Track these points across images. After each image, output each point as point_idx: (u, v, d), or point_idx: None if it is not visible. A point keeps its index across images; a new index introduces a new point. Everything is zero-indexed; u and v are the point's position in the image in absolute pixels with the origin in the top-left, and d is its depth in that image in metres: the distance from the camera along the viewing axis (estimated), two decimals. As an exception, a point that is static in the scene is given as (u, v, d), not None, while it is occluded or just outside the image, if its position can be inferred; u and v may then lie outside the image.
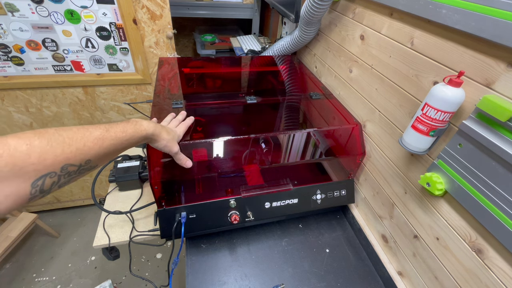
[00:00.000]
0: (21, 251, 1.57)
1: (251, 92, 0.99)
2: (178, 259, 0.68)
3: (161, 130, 0.57)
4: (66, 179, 0.38)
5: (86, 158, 0.40)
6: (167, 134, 0.59)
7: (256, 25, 1.72)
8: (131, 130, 0.48)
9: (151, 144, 0.58)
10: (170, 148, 0.60)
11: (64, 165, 0.36)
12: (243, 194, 0.73)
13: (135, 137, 0.49)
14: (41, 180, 0.35)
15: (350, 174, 0.83)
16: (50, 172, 0.35)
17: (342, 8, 0.84)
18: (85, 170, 0.41)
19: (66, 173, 0.37)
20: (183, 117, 0.72)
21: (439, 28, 0.52)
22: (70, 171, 0.38)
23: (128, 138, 0.47)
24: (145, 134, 0.52)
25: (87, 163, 0.40)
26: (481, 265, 0.47)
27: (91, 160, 0.41)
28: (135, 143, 0.50)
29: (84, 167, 0.40)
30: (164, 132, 0.58)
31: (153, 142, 0.57)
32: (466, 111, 0.48)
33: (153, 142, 0.57)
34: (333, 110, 0.87)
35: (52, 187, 0.37)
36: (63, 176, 0.37)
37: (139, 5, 1.13)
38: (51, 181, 0.36)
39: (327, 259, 0.75)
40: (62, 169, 0.37)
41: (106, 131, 0.43)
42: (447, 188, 0.51)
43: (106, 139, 0.43)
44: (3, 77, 1.17)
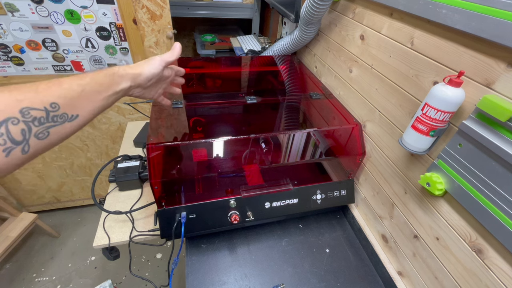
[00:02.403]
0: (21, 251, 1.57)
1: (251, 92, 0.99)
2: (178, 259, 0.68)
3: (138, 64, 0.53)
4: (40, 128, 0.35)
5: (49, 100, 0.36)
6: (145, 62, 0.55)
7: (256, 25, 1.72)
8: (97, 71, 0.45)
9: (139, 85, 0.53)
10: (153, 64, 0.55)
11: (22, 108, 0.34)
12: (243, 194, 0.73)
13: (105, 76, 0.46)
14: (3, 128, 0.32)
15: (350, 174, 0.83)
16: (10, 118, 0.33)
17: (342, 8, 0.84)
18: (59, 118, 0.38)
19: (32, 118, 0.34)
20: None
21: (439, 28, 0.52)
22: (37, 116, 0.35)
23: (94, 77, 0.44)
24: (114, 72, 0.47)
25: (54, 107, 0.37)
26: (481, 265, 0.47)
27: (57, 104, 0.37)
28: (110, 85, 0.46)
29: (54, 113, 0.37)
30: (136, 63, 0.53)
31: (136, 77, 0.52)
32: (466, 111, 0.48)
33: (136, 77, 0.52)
34: (333, 110, 0.87)
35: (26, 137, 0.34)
36: (31, 123, 0.34)
37: (139, 5, 1.13)
38: (18, 128, 0.33)
39: (327, 259, 0.75)
40: (23, 114, 0.34)
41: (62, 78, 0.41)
42: (447, 188, 0.51)
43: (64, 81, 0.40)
44: (3, 77, 1.17)
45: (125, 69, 0.50)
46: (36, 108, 0.35)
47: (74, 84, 0.41)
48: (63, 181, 1.64)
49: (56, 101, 0.37)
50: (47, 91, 0.37)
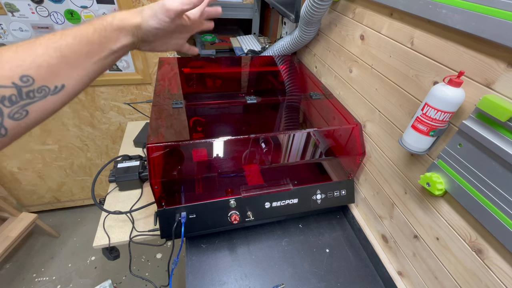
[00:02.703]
0: (21, 251, 1.57)
1: (251, 92, 0.99)
2: (178, 259, 0.68)
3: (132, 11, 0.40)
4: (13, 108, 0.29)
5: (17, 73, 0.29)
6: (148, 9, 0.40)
7: (256, 25, 1.72)
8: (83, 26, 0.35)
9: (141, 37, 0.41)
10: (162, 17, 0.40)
11: None
12: (243, 194, 0.73)
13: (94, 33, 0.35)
14: None
15: (350, 174, 0.83)
16: None
17: (342, 8, 0.84)
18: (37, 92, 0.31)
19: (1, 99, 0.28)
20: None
21: (439, 28, 0.52)
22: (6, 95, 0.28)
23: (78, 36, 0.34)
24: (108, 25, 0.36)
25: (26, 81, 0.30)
26: (481, 265, 0.47)
27: (30, 76, 0.30)
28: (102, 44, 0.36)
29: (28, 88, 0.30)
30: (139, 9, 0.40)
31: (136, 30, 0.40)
32: (466, 111, 0.48)
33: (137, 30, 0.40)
34: (333, 110, 0.87)
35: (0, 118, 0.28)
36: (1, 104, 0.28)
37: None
38: None
39: (327, 259, 0.75)
40: None
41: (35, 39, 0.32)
42: (447, 188, 0.51)
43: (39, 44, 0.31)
44: (3, 77, 1.17)
45: (122, 19, 0.38)
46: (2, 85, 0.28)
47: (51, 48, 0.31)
48: (63, 181, 1.64)
49: (28, 73, 0.30)
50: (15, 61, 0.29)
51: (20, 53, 0.30)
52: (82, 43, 0.34)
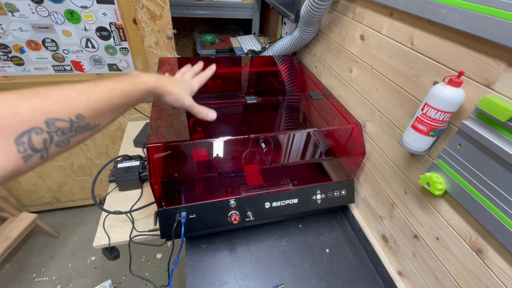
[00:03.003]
0: (21, 251, 1.57)
1: (251, 92, 0.99)
2: (178, 259, 0.68)
3: (164, 82, 0.51)
4: (61, 138, 0.35)
5: (76, 111, 0.36)
6: (174, 86, 0.53)
7: (256, 25, 1.72)
8: (127, 84, 0.44)
9: (160, 99, 0.52)
10: (182, 102, 0.54)
11: (47, 119, 0.33)
12: (243, 194, 0.73)
13: (133, 91, 0.45)
14: (26, 136, 0.32)
15: (350, 174, 0.83)
16: (34, 128, 0.32)
17: (342, 8, 0.84)
18: (82, 128, 0.37)
19: (56, 129, 0.34)
20: (199, 68, 0.66)
21: (439, 28, 0.52)
22: (61, 127, 0.34)
23: (123, 92, 0.43)
24: (145, 88, 0.47)
25: (79, 118, 0.36)
26: (481, 265, 0.47)
27: (83, 115, 0.37)
28: (137, 98, 0.46)
29: (78, 124, 0.37)
30: (169, 84, 0.52)
31: (160, 97, 0.51)
32: (466, 111, 0.48)
33: (160, 97, 0.52)
34: (333, 110, 0.87)
35: (47, 145, 0.34)
36: (54, 133, 0.34)
37: (139, 5, 1.13)
38: (40, 138, 0.33)
39: (327, 259, 0.75)
40: (47, 124, 0.33)
41: (94, 85, 0.40)
42: (447, 188, 0.51)
43: (94, 92, 0.39)
44: (3, 77, 1.17)
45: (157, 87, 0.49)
46: (61, 119, 0.35)
47: (103, 97, 0.40)
48: (63, 181, 1.63)
49: (83, 113, 0.37)
50: (76, 102, 0.36)
51: (82, 96, 0.37)
52: (124, 98, 0.43)
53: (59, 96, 0.35)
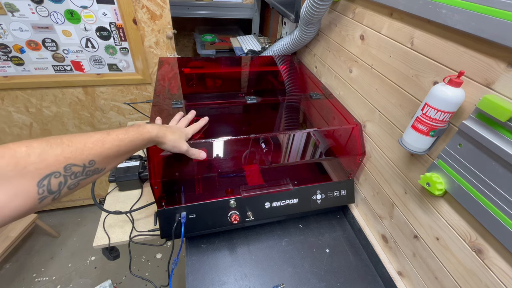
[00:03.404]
0: (21, 251, 1.57)
1: (251, 92, 0.99)
2: (178, 259, 0.68)
3: (165, 132, 0.57)
4: (73, 181, 0.40)
5: (89, 158, 0.41)
6: (172, 134, 0.59)
7: (256, 25, 1.72)
8: (134, 132, 0.50)
9: (159, 146, 0.59)
10: (179, 148, 0.61)
11: (66, 164, 0.38)
12: (243, 194, 0.73)
13: (139, 139, 0.51)
14: (46, 180, 0.36)
15: (350, 174, 0.83)
16: (54, 172, 0.37)
17: (342, 8, 0.84)
18: (91, 172, 0.42)
19: (71, 173, 0.39)
20: (192, 116, 0.74)
21: (439, 28, 0.52)
22: (75, 171, 0.39)
23: (130, 140, 0.49)
24: (149, 137, 0.53)
25: (91, 163, 0.41)
26: (481, 265, 0.47)
27: (94, 161, 0.42)
28: (141, 146, 0.52)
29: (89, 169, 0.42)
30: (169, 133, 0.58)
31: (159, 144, 0.58)
32: (466, 111, 0.48)
33: (160, 144, 0.58)
34: (333, 110, 0.87)
35: (61, 188, 0.38)
36: (69, 176, 0.39)
37: (139, 5, 1.13)
38: (57, 181, 0.37)
39: (327, 259, 0.75)
40: (65, 169, 0.38)
41: (106, 134, 0.45)
42: (447, 188, 0.51)
43: (107, 141, 0.44)
44: (3, 77, 1.17)
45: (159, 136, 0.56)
46: (77, 164, 0.40)
47: (115, 146, 0.45)
48: (63, 181, 1.63)
49: (95, 159, 0.42)
50: (91, 150, 0.42)
51: (96, 145, 0.42)
52: (130, 145, 0.49)
53: (79, 145, 0.40)
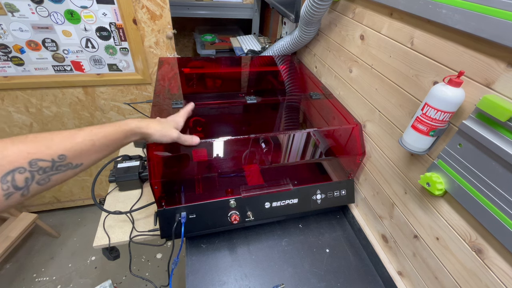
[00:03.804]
0: (21, 251, 1.57)
1: (251, 92, 0.99)
2: (178, 259, 0.68)
3: (148, 123, 0.55)
4: (42, 176, 0.38)
5: (58, 153, 0.40)
6: (158, 124, 0.57)
7: (256, 25, 1.72)
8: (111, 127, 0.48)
9: (147, 139, 0.57)
10: (169, 136, 0.58)
11: (31, 160, 0.37)
12: (243, 194, 0.73)
13: (117, 133, 0.49)
14: (10, 176, 0.35)
15: (350, 174, 0.83)
16: (18, 167, 0.36)
17: (342, 8, 0.84)
18: (63, 167, 0.41)
19: (38, 168, 0.38)
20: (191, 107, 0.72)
21: (439, 28, 0.52)
22: (43, 166, 0.38)
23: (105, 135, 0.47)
24: (128, 129, 0.51)
25: (61, 158, 0.40)
26: (481, 265, 0.47)
27: (65, 156, 0.40)
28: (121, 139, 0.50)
29: (60, 163, 0.40)
30: (153, 123, 0.56)
31: (146, 137, 0.56)
32: (466, 111, 0.48)
33: (147, 137, 0.56)
34: (333, 110, 0.87)
35: (28, 184, 0.37)
36: (36, 172, 0.37)
37: (139, 5, 1.12)
38: (23, 176, 0.36)
39: (327, 259, 0.75)
40: (31, 164, 0.37)
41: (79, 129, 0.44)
42: (447, 188, 0.51)
43: (78, 135, 0.43)
44: (3, 77, 1.17)
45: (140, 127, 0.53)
46: (44, 159, 0.38)
47: (87, 140, 0.44)
48: (63, 181, 1.63)
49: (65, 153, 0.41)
50: (60, 145, 0.40)
51: (66, 139, 0.41)
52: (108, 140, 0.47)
53: (45, 140, 0.39)
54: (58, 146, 0.40)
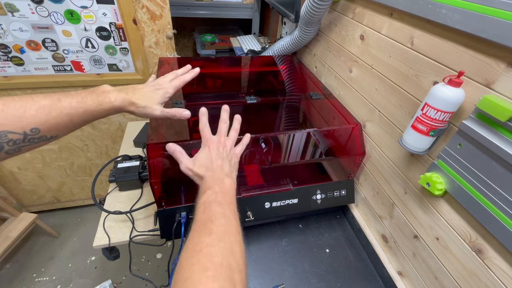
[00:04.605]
0: (21, 251, 1.57)
1: (251, 92, 0.99)
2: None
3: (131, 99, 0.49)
4: (12, 147, 0.37)
5: (30, 126, 0.37)
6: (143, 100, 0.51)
7: (256, 25, 1.72)
8: (92, 101, 0.44)
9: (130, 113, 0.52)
10: (151, 114, 0.52)
11: (1, 131, 0.35)
12: (243, 194, 0.73)
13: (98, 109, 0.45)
14: None
15: (350, 174, 0.83)
16: None
17: (342, 8, 0.84)
18: (36, 139, 0.39)
19: (8, 140, 0.36)
20: (183, 71, 0.63)
21: (439, 28, 0.52)
22: (13, 139, 0.36)
23: (86, 110, 0.43)
24: (111, 107, 0.47)
25: (34, 131, 0.38)
26: (481, 265, 0.47)
27: (38, 129, 0.38)
28: (101, 116, 0.46)
29: (32, 136, 0.38)
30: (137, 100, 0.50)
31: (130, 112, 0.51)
32: (466, 111, 0.48)
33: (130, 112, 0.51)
34: (333, 110, 0.87)
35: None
36: (6, 143, 0.36)
37: (139, 5, 1.12)
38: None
39: (327, 259, 0.75)
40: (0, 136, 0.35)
41: (57, 100, 0.40)
42: (447, 188, 0.51)
43: (55, 108, 0.40)
44: (3, 77, 1.17)
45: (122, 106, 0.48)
46: (15, 132, 0.36)
47: (65, 115, 0.41)
48: (63, 181, 1.63)
49: (39, 127, 0.38)
50: (33, 118, 0.38)
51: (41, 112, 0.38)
52: (88, 116, 0.44)
53: (16, 111, 0.37)
54: (31, 119, 0.37)
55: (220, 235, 0.36)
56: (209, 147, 0.53)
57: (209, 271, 0.30)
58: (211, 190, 0.44)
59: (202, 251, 0.33)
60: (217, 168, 0.49)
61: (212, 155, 0.51)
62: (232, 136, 0.58)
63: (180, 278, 0.31)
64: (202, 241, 0.35)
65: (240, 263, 0.33)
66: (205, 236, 0.36)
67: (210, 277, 0.30)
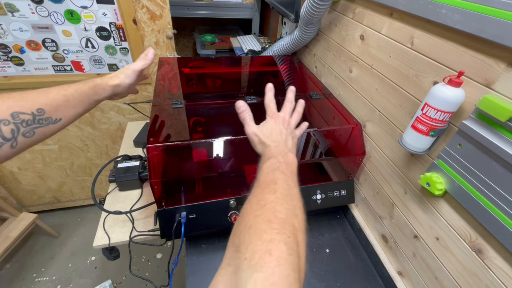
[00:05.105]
0: (21, 251, 1.57)
1: (251, 92, 0.99)
2: (178, 259, 0.68)
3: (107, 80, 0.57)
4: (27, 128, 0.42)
5: (35, 106, 0.43)
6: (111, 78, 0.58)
7: (256, 25, 1.72)
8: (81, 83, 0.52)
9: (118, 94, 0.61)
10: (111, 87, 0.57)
11: (13, 112, 0.41)
12: (243, 194, 0.73)
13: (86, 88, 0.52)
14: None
15: (350, 174, 0.83)
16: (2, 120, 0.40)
17: (342, 8, 0.84)
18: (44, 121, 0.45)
19: (21, 121, 0.42)
20: None
21: (439, 28, 0.52)
22: (25, 119, 0.42)
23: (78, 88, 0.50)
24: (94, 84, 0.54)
25: (39, 112, 0.44)
26: (481, 265, 0.47)
27: (43, 110, 0.44)
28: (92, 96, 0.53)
29: (40, 117, 0.44)
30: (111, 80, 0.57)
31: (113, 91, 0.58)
32: (466, 111, 0.48)
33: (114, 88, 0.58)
34: (333, 110, 0.87)
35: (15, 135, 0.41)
36: (20, 124, 0.42)
37: (139, 5, 1.13)
38: (9, 128, 0.40)
39: (327, 259, 0.75)
40: (13, 117, 0.41)
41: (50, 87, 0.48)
42: (447, 188, 0.51)
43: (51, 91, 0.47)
44: (3, 77, 1.17)
45: (107, 82, 0.56)
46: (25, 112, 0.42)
47: (60, 94, 0.48)
48: (63, 181, 1.64)
49: (43, 107, 0.45)
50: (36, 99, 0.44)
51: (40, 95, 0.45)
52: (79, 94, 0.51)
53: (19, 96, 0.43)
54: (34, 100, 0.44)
55: (284, 196, 0.35)
56: (274, 120, 0.55)
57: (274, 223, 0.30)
58: (275, 159, 0.44)
59: (266, 206, 0.33)
60: (282, 141, 0.50)
61: (279, 127, 0.53)
62: (295, 117, 0.60)
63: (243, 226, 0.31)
64: (266, 198, 0.35)
65: (303, 226, 0.33)
66: (269, 194, 0.36)
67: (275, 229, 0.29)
